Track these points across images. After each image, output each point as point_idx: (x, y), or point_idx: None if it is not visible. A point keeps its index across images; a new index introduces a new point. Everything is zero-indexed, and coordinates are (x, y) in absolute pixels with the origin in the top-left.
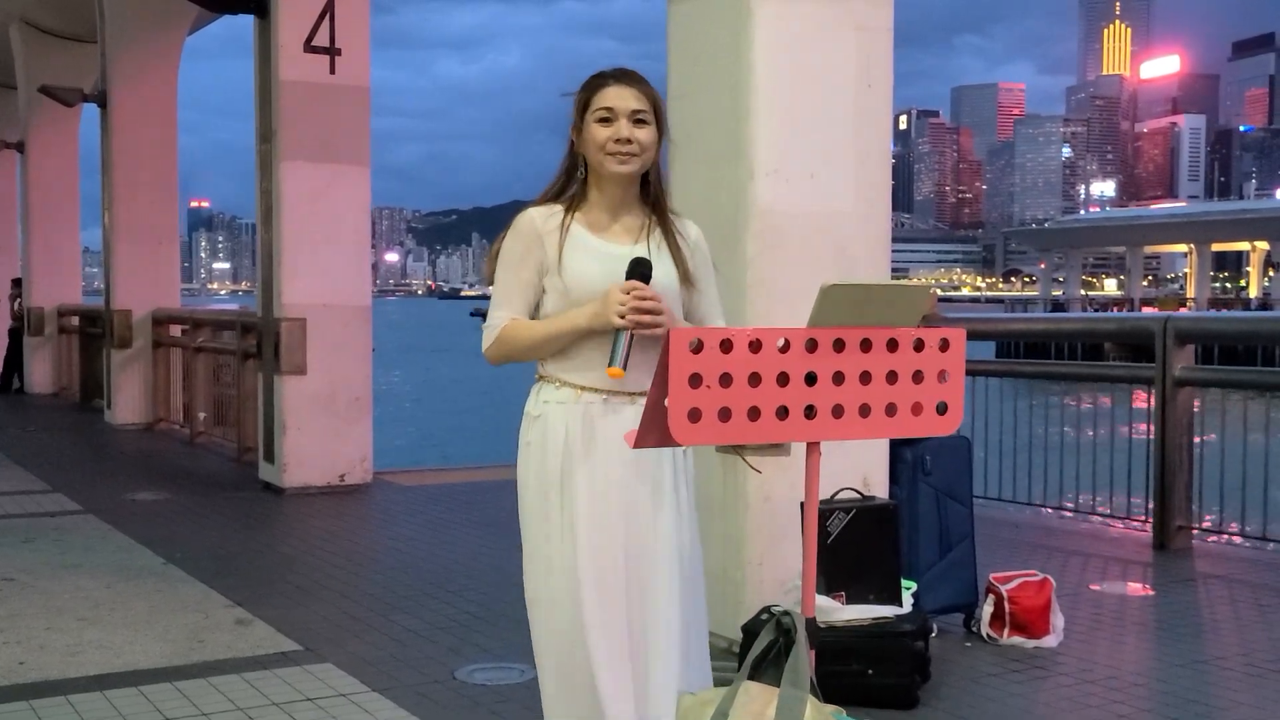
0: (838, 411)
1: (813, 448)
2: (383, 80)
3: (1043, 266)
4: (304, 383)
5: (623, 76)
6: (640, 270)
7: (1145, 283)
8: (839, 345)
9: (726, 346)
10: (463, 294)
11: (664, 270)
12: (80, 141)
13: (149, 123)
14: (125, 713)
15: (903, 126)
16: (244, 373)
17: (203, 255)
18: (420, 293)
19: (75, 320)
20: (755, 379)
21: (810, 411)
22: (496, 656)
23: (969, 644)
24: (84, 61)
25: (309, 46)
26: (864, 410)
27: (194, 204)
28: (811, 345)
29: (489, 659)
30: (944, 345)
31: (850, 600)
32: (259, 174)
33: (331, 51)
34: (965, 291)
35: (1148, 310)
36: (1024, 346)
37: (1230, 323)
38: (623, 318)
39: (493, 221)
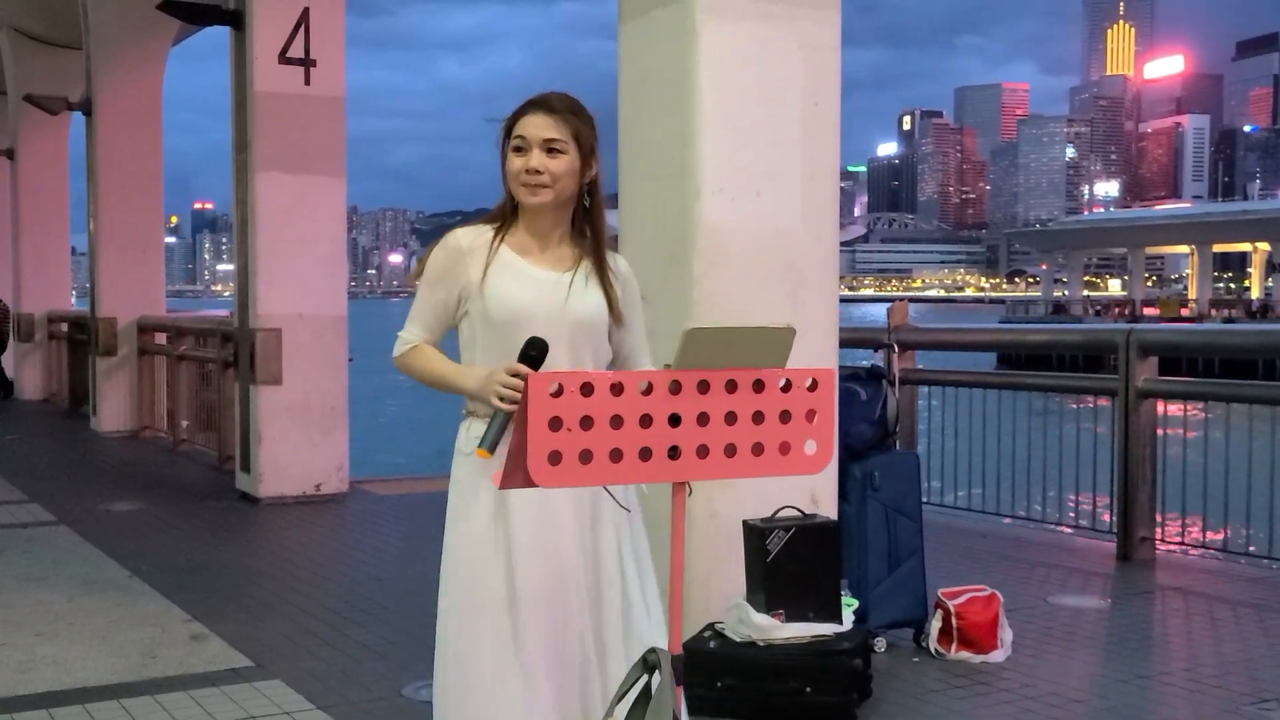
0: (702, 452)
1: (678, 488)
2: (382, 81)
3: (1044, 268)
4: (279, 392)
5: (542, 104)
6: (532, 353)
7: (1149, 283)
8: (703, 386)
9: (587, 390)
10: None
11: (594, 302)
12: (71, 143)
13: (134, 131)
14: None
15: (906, 127)
16: (225, 381)
17: (206, 257)
18: None
19: (64, 327)
20: (617, 421)
21: (674, 452)
22: None
23: (917, 659)
24: (72, 68)
25: (284, 58)
26: (730, 450)
27: (197, 206)
28: (675, 387)
29: None
30: (813, 385)
31: (789, 618)
32: (235, 184)
33: (306, 63)
34: (969, 292)
35: (1150, 311)
36: (1024, 358)
37: (1192, 334)
38: (501, 400)
39: None
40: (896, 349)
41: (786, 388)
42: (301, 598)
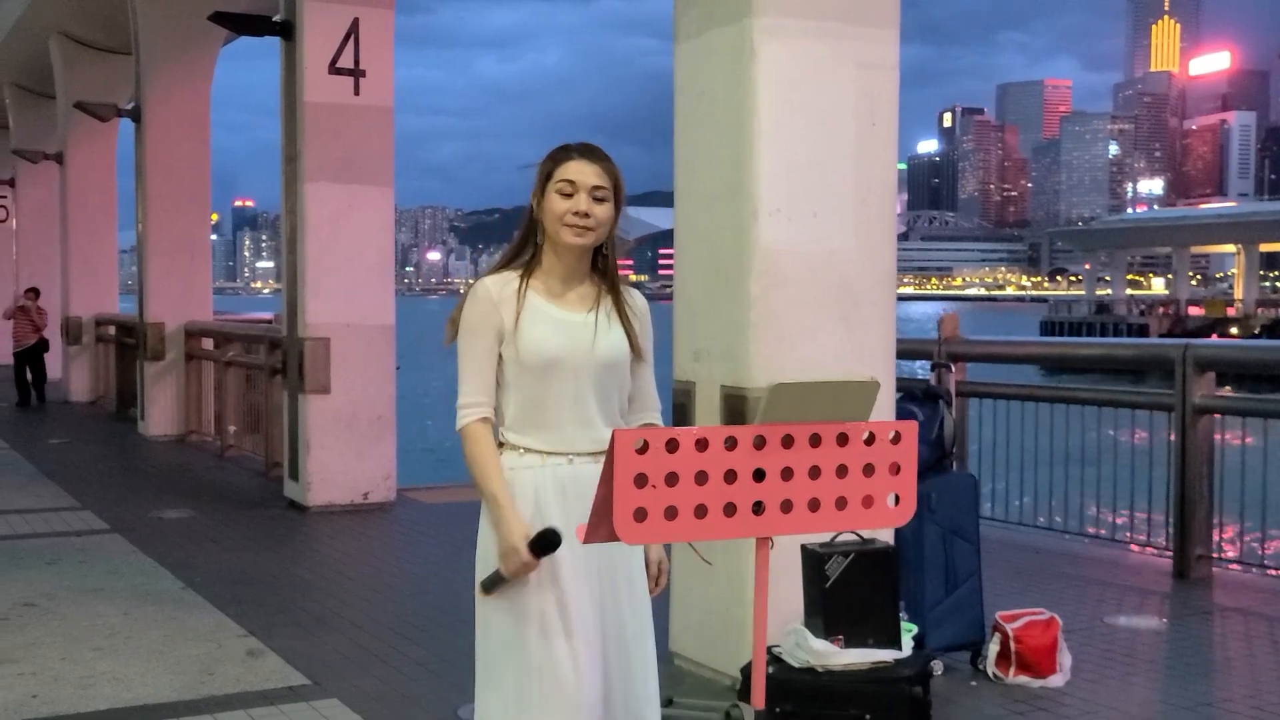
0: (786, 507)
1: (761, 543)
2: (421, 79)
3: (1088, 267)
4: (328, 401)
5: (587, 152)
6: (544, 543)
7: (1194, 282)
8: (788, 441)
9: (672, 446)
10: None
11: (617, 341)
12: (119, 146)
13: (182, 137)
14: None
15: (947, 124)
16: (271, 388)
17: (246, 254)
18: (463, 291)
19: (112, 330)
20: (702, 477)
21: (759, 508)
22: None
23: (974, 683)
24: (121, 73)
25: (334, 68)
26: (813, 505)
27: (238, 203)
28: (760, 442)
29: None
30: (896, 438)
31: (849, 644)
32: (284, 194)
33: (356, 73)
34: (1010, 290)
35: (1195, 311)
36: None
37: (1249, 350)
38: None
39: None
40: (953, 367)
41: (870, 440)
42: (355, 612)
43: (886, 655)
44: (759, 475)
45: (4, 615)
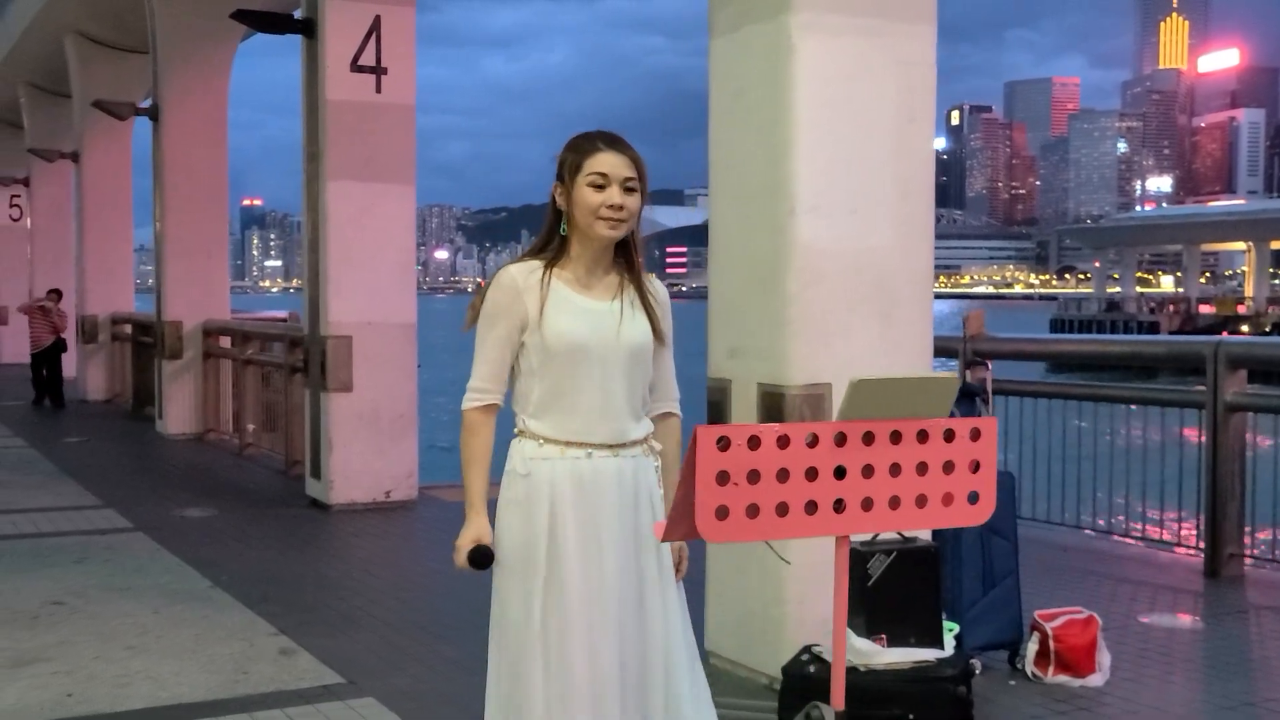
0: (867, 504)
1: (841, 541)
2: (428, 78)
3: (1097, 265)
4: (350, 400)
5: (614, 143)
6: (478, 557)
7: (1202, 280)
8: (868, 438)
9: (754, 443)
10: None
11: (641, 328)
12: (135, 144)
13: (200, 135)
14: None
15: (955, 122)
16: (291, 386)
17: (254, 253)
18: (470, 290)
19: (128, 329)
20: (784, 474)
21: (839, 505)
22: None
23: (1013, 682)
24: (137, 72)
25: (355, 66)
26: (894, 502)
27: (246, 202)
28: (840, 439)
29: None
30: (975, 435)
31: (891, 643)
32: (305, 192)
33: (378, 71)
34: (1018, 289)
35: (1205, 309)
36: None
37: None
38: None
39: (541, 219)
40: (988, 364)
41: (949, 437)
42: (384, 610)
43: (929, 654)
44: (840, 473)
45: (34, 614)
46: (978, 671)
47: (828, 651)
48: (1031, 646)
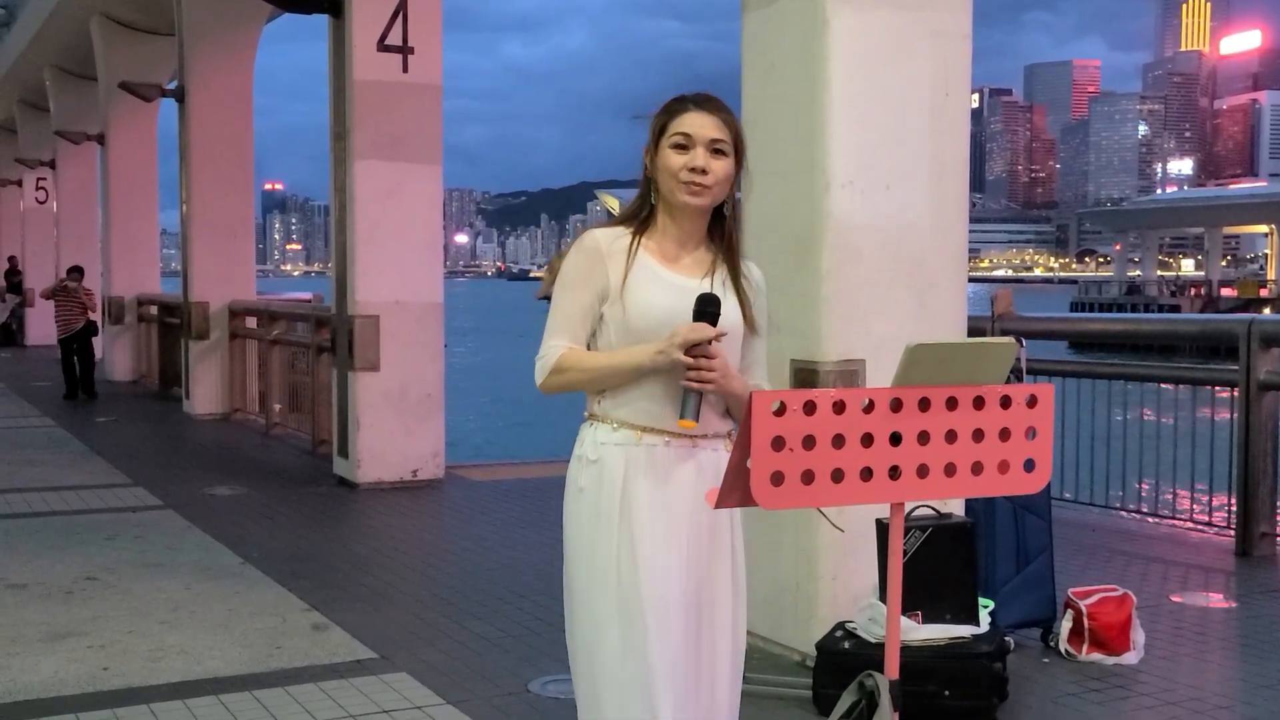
0: (923, 471)
1: (896, 508)
2: (446, 62)
3: (1118, 248)
4: (377, 379)
5: (705, 102)
6: (707, 309)
7: (1224, 263)
8: (924, 404)
9: (810, 408)
10: (532, 275)
11: (729, 311)
12: (160, 126)
13: (226, 117)
14: None
15: (974, 104)
16: (318, 366)
17: (276, 237)
18: (490, 274)
19: (154, 310)
20: (839, 440)
21: (895, 472)
22: (569, 668)
23: (1047, 660)
24: (162, 54)
25: (382, 45)
26: (949, 469)
27: (267, 187)
28: (896, 405)
29: (561, 670)
30: (1032, 401)
31: (926, 619)
32: (333, 172)
33: (405, 50)
34: (1038, 272)
35: (1227, 292)
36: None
37: None
38: (688, 366)
39: (562, 203)
40: (1023, 343)
41: (1006, 404)
42: (414, 587)
43: (964, 631)
44: (895, 439)
45: (68, 589)
46: (1011, 649)
47: (862, 628)
48: (1065, 624)
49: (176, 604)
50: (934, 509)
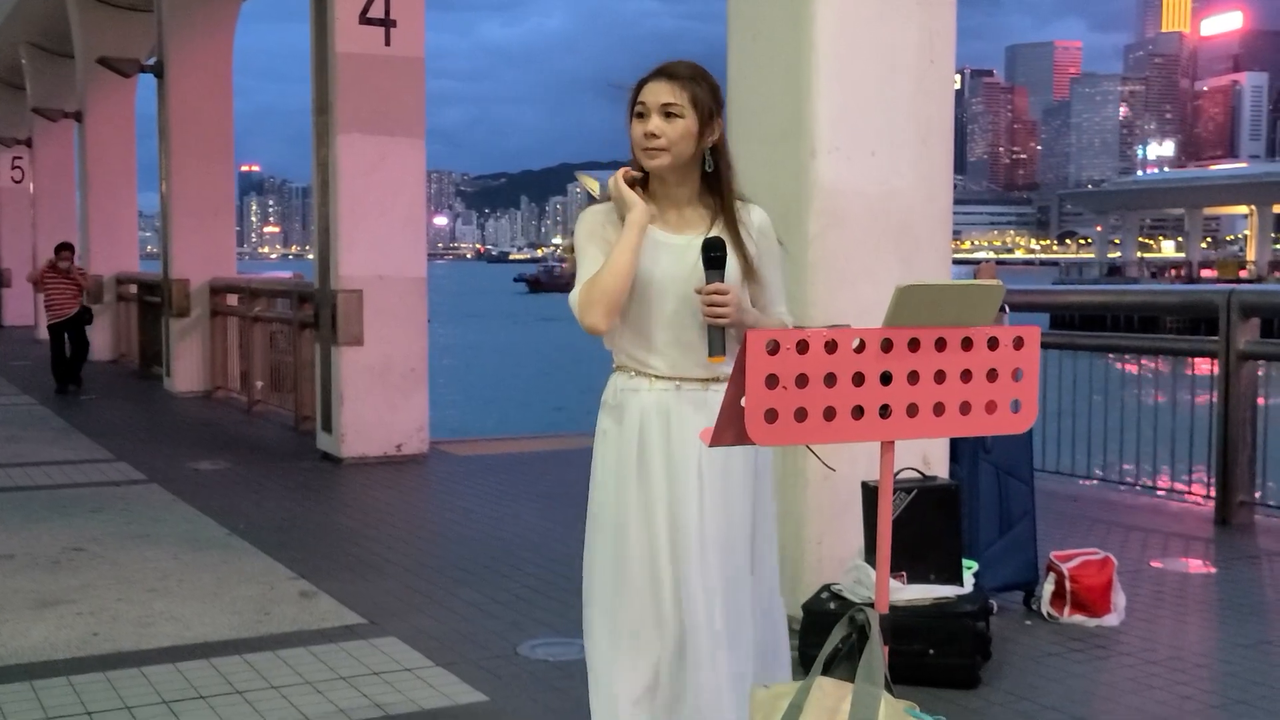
0: (912, 410)
1: (887, 446)
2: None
3: (1099, 230)
4: (361, 354)
5: (660, 71)
6: (712, 253)
7: (1204, 244)
8: (914, 345)
9: (803, 347)
10: (511, 257)
11: (728, 260)
12: (137, 107)
13: (205, 93)
14: (197, 685)
15: (956, 86)
16: (300, 342)
17: (253, 219)
18: (469, 256)
19: (134, 289)
20: (831, 379)
21: (885, 411)
22: (558, 631)
23: (1029, 622)
24: (139, 30)
25: (364, 18)
26: (938, 409)
27: (244, 168)
28: (887, 345)
29: (551, 634)
30: (1018, 343)
31: (911, 580)
32: (315, 146)
33: (387, 23)
34: (1019, 254)
35: (1207, 273)
36: (1079, 319)
37: None
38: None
39: (542, 185)
40: (1007, 310)
41: (993, 345)
42: (401, 557)
43: (949, 591)
44: (886, 379)
45: (55, 559)
46: (995, 610)
47: (847, 589)
48: (1047, 587)
49: (164, 573)
50: (919, 472)
